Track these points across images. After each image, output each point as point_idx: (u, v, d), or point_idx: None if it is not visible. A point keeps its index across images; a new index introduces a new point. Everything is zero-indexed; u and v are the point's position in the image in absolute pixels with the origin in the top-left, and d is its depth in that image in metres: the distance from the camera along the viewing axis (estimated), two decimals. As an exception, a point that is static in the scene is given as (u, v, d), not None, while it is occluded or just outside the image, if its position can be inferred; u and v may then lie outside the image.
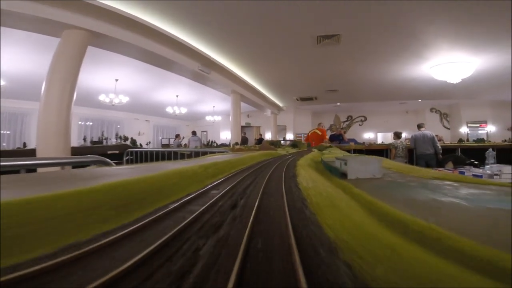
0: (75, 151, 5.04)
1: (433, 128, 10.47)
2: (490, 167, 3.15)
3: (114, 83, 8.50)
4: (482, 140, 7.17)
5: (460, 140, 7.51)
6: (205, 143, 7.05)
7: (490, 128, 11.76)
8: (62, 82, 3.96)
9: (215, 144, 6.38)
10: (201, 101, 11.61)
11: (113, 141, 10.05)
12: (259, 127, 14.70)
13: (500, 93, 9.24)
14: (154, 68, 6.56)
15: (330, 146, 4.16)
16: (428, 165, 5.73)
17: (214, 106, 12.55)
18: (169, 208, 0.55)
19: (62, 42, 4.09)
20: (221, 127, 14.72)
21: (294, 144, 4.62)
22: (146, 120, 14.83)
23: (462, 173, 2.97)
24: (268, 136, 13.15)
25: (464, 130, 12.40)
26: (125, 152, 5.22)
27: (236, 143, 6.90)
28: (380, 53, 5.89)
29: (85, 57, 4.27)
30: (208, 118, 13.53)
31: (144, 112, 13.90)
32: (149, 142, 8.37)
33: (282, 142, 7.59)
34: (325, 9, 4.11)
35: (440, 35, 4.74)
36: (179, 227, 0.42)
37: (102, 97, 9.00)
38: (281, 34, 5.05)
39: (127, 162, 5.13)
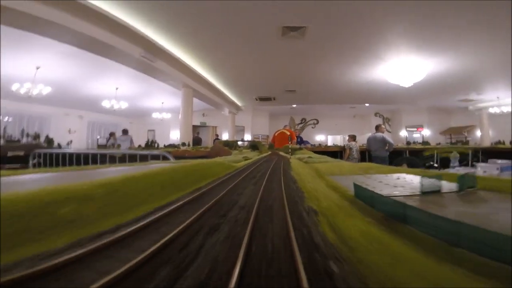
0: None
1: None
2: (457, 170, 3.09)
3: (34, 71, 6.87)
4: (427, 143, 7.79)
5: (408, 143, 8.05)
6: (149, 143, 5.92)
7: (425, 132, 13.19)
8: None
9: (156, 145, 5.34)
10: (147, 95, 10.23)
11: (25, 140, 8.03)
12: (216, 127, 13.89)
13: (437, 99, 10.29)
14: (87, 54, 5.38)
15: (300, 148, 3.66)
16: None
17: (163, 102, 11.25)
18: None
19: None
20: (172, 125, 13.37)
21: (253, 145, 3.96)
22: (80, 116, 12.61)
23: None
24: (226, 137, 12.42)
25: (403, 133, 13.67)
26: (31, 154, 3.89)
27: (184, 144, 5.95)
28: (342, 52, 5.76)
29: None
30: (155, 115, 12.09)
31: (76, 106, 11.85)
32: (70, 142, 6.78)
33: (239, 143, 6.97)
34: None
35: (402, 36, 4.76)
36: None
37: (15, 87, 7.13)
38: (244, 20, 4.41)
39: (34, 166, 3.82)
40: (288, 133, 6.51)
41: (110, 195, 0.62)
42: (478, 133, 11.67)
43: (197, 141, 9.21)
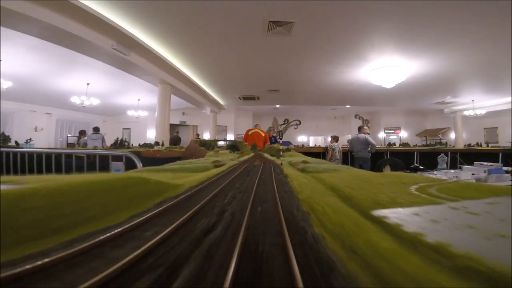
0: None
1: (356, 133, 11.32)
2: (446, 173, 3.03)
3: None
4: (407, 144, 7.97)
5: (389, 144, 8.19)
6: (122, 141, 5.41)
7: (402, 134, 13.62)
8: None
9: (127, 144, 4.92)
10: (122, 92, 9.60)
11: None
12: (196, 126, 13.46)
13: (414, 101, 10.60)
14: (54, 47, 4.82)
15: (288, 149, 3.42)
16: (361, 167, 5.98)
17: (139, 99, 10.64)
18: None
19: None
20: (149, 124, 12.75)
21: (233, 145, 3.65)
22: (47, 113, 11.68)
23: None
24: (207, 137, 12.03)
25: (382, 135, 14.04)
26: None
27: (157, 143, 5.53)
28: (327, 51, 5.66)
29: None
30: (131, 112, 11.41)
31: (43, 102, 10.96)
32: (29, 140, 6.14)
33: (221, 142, 6.63)
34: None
35: (387, 35, 4.73)
36: None
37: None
38: (228, 13, 4.14)
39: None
40: (263, 134, 6.13)
41: None
42: (452, 135, 12.22)
43: (175, 140, 8.76)
